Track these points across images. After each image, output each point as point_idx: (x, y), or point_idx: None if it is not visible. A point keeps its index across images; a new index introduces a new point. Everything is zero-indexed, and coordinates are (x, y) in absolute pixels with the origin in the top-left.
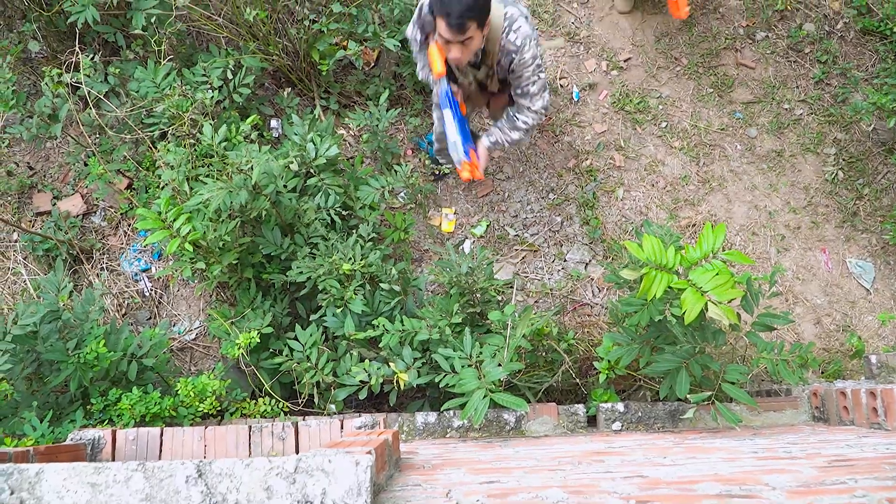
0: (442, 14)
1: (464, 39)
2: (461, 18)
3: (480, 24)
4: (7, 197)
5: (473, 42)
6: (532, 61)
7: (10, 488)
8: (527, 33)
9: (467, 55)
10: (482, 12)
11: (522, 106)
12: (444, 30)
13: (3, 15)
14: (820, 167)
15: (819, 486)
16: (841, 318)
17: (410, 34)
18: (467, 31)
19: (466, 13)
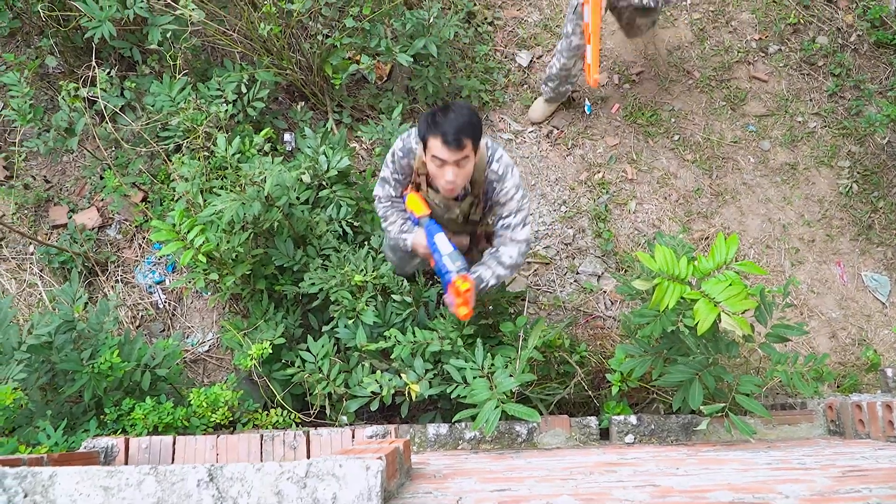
0: (437, 133)
1: (460, 158)
2: (458, 134)
3: (475, 144)
4: (24, 210)
5: (468, 164)
6: (516, 191)
7: (24, 491)
8: (508, 162)
9: (462, 179)
10: (476, 131)
11: (506, 238)
12: (439, 149)
13: (21, 31)
14: (834, 180)
15: (833, 494)
16: (856, 331)
17: (382, 191)
18: (465, 147)
19: (463, 129)
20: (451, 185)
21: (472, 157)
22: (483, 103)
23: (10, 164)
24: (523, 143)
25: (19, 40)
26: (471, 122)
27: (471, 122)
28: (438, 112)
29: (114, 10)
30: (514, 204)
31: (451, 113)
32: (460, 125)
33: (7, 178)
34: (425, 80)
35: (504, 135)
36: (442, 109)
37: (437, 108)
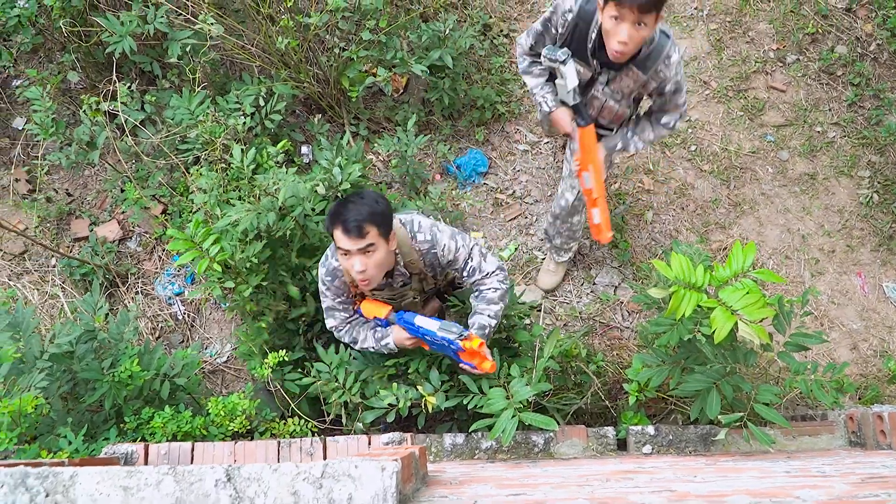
0: (338, 223)
1: (365, 246)
2: (359, 222)
3: (381, 231)
4: (46, 223)
5: (377, 253)
6: (454, 243)
7: (46, 490)
8: (429, 224)
9: (374, 268)
10: (381, 218)
11: (478, 282)
12: (341, 239)
13: (44, 46)
14: (854, 190)
15: (851, 499)
16: (878, 343)
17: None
18: (366, 234)
19: (364, 217)
20: (363, 277)
21: (380, 245)
22: (499, 115)
23: (33, 178)
24: (539, 153)
25: (42, 56)
26: (374, 209)
27: (374, 209)
28: (340, 204)
29: (134, 26)
30: (462, 255)
31: (351, 203)
32: (361, 213)
33: (30, 191)
34: (441, 91)
35: (520, 146)
36: (344, 201)
37: (340, 201)
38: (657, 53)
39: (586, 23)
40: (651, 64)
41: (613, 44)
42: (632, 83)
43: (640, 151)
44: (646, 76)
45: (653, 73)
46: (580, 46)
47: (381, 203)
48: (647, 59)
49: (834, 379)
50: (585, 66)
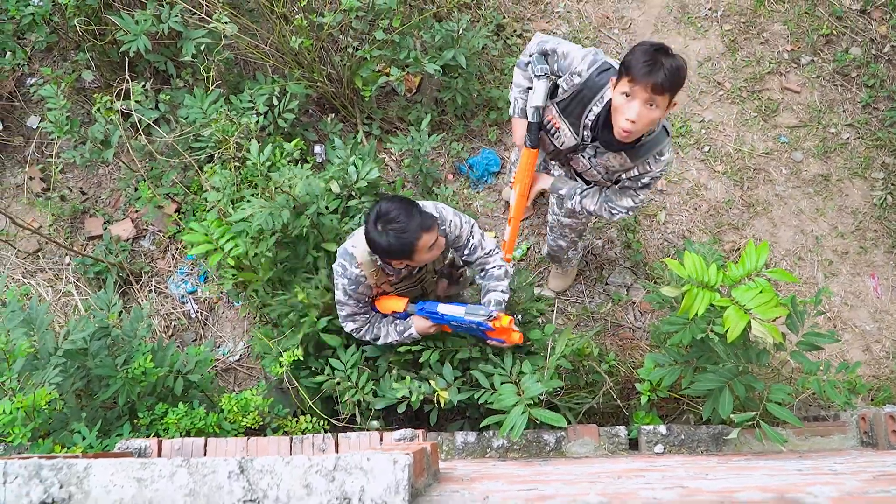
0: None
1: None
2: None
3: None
4: (61, 221)
5: (437, 242)
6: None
7: (60, 482)
8: (432, 204)
9: (438, 254)
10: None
11: (481, 260)
12: (399, 263)
13: (58, 45)
14: (868, 191)
15: (862, 494)
16: (891, 344)
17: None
18: (421, 248)
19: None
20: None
21: (433, 236)
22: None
23: (47, 177)
24: None
25: (56, 55)
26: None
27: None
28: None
29: (149, 25)
30: (465, 231)
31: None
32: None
33: (44, 189)
34: (454, 91)
35: None
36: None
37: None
38: (652, 145)
39: (592, 93)
40: (643, 154)
41: (621, 121)
42: (617, 165)
43: (576, 211)
44: (633, 164)
45: (640, 163)
46: (576, 113)
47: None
48: (641, 149)
49: (847, 379)
50: (573, 133)
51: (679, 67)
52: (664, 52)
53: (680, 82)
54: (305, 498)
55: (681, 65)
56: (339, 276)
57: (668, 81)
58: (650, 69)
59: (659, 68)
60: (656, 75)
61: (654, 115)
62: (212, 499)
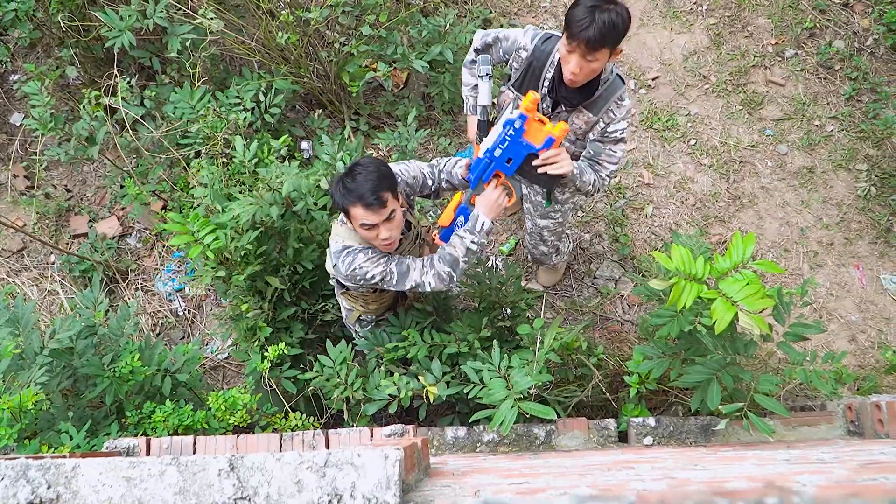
0: (354, 200)
1: (389, 214)
2: (376, 194)
3: (394, 192)
4: (45, 219)
5: (397, 214)
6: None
7: (48, 482)
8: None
9: (397, 230)
10: (391, 181)
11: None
12: (363, 214)
13: (42, 41)
14: (852, 183)
15: (850, 483)
16: (876, 334)
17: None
18: (387, 203)
19: (379, 187)
20: (389, 241)
21: (397, 207)
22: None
23: (32, 174)
24: None
25: (40, 51)
26: (381, 174)
27: (381, 174)
28: (348, 179)
29: (134, 20)
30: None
31: (360, 176)
32: (376, 184)
33: (28, 187)
34: (441, 86)
35: None
36: (350, 175)
37: (346, 175)
38: (609, 93)
39: (541, 62)
40: (602, 104)
41: (566, 72)
42: (583, 124)
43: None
44: (596, 117)
45: (603, 114)
46: (532, 86)
47: (384, 166)
48: (599, 100)
49: (833, 369)
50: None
51: (613, 23)
52: (600, 7)
53: (616, 36)
54: (297, 494)
55: (615, 19)
56: (353, 261)
57: (601, 38)
58: (584, 26)
59: (592, 25)
60: (589, 32)
61: (595, 66)
62: (202, 497)
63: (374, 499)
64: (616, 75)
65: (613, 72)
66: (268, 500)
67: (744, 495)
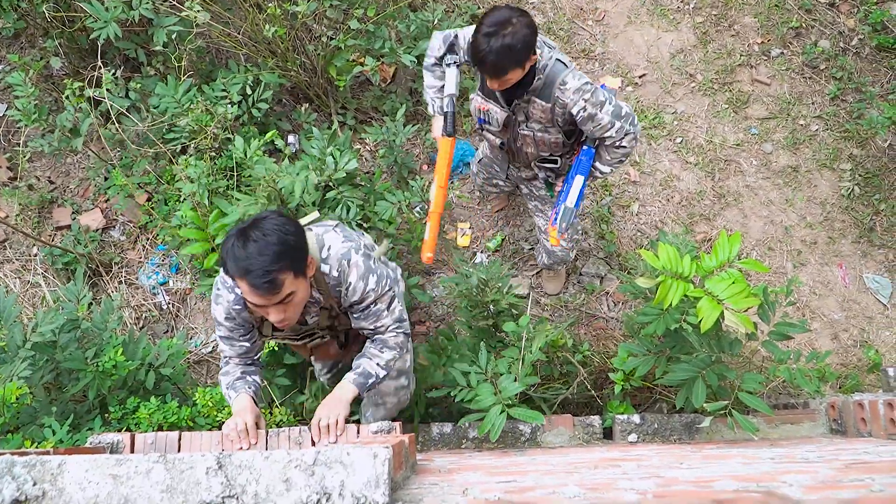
0: (241, 274)
1: (283, 299)
2: (268, 275)
3: (298, 270)
4: (28, 211)
5: (297, 295)
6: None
7: (33, 479)
8: (339, 255)
9: (294, 311)
10: (295, 255)
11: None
12: (248, 292)
13: (26, 32)
14: (836, 182)
15: (836, 482)
16: (858, 333)
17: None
18: (282, 286)
19: (274, 267)
20: (283, 322)
21: (299, 288)
22: None
23: (14, 166)
24: None
25: (24, 41)
26: (283, 248)
27: (283, 248)
28: (238, 244)
29: (119, 12)
30: (369, 299)
31: (253, 244)
32: (270, 260)
33: (11, 179)
34: None
35: None
36: (242, 238)
37: (237, 237)
38: (551, 80)
39: None
40: (548, 91)
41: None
42: (539, 112)
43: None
44: (549, 104)
45: (554, 100)
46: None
47: (291, 233)
48: (544, 87)
49: (816, 367)
50: (498, 106)
51: (508, 46)
52: (495, 33)
53: (517, 55)
54: (285, 493)
55: (510, 42)
56: (214, 301)
57: (501, 65)
58: (481, 58)
59: (488, 55)
60: (486, 61)
61: (511, 79)
62: (189, 495)
63: (362, 497)
64: (556, 60)
65: (552, 58)
66: (256, 498)
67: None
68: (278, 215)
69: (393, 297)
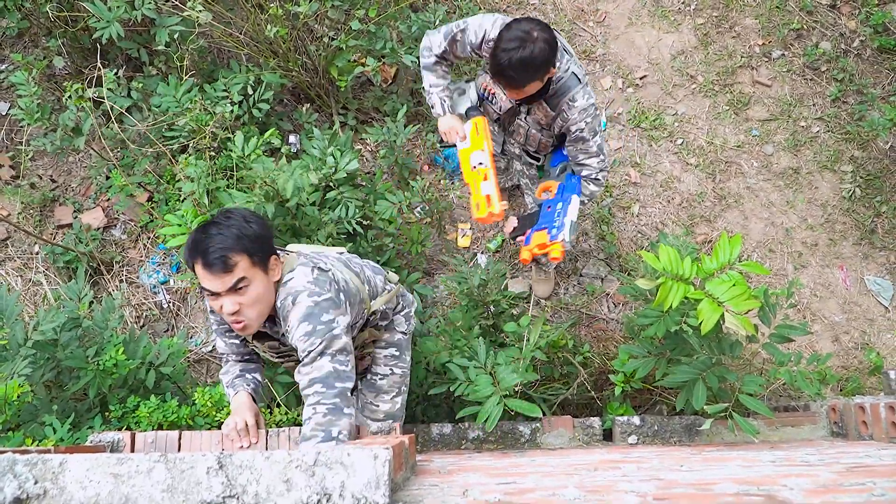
0: (196, 255)
1: (236, 283)
2: (221, 252)
3: (257, 259)
4: (30, 209)
5: (252, 287)
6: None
7: (35, 478)
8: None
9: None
10: (255, 243)
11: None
12: (204, 276)
13: (29, 31)
14: (837, 184)
15: (837, 486)
16: (859, 335)
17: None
18: (234, 267)
19: (228, 245)
20: (239, 321)
21: (255, 277)
22: None
23: (17, 164)
24: None
25: (27, 40)
26: (241, 232)
27: (241, 232)
28: (200, 230)
29: (122, 11)
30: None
31: (214, 228)
32: (226, 241)
33: (13, 177)
34: None
35: None
36: (204, 226)
37: (200, 226)
38: (562, 92)
39: None
40: (556, 101)
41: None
42: (542, 116)
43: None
44: (554, 112)
45: (559, 112)
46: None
47: (254, 223)
48: (554, 97)
49: (817, 370)
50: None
51: (528, 60)
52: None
53: (536, 68)
54: (285, 493)
55: (528, 56)
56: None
57: (521, 77)
58: (501, 70)
59: (508, 67)
60: (506, 74)
61: (528, 90)
62: (190, 495)
63: (363, 498)
64: (571, 73)
65: (569, 70)
66: (256, 498)
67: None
68: (247, 211)
69: (323, 352)
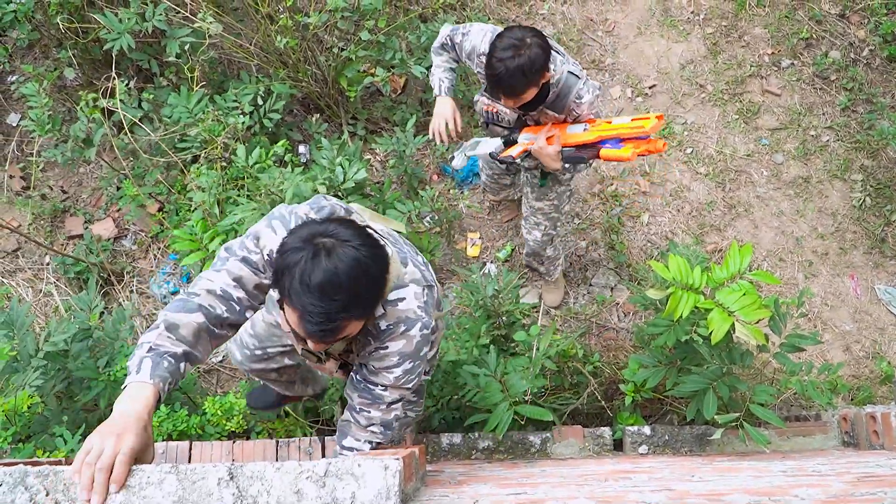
0: (298, 310)
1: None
2: (333, 321)
3: (365, 315)
4: (41, 220)
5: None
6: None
7: (46, 489)
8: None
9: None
10: (366, 302)
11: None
12: (297, 326)
13: (40, 42)
14: (847, 193)
15: (849, 497)
16: (870, 344)
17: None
18: (340, 332)
19: (342, 311)
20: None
21: (355, 329)
22: None
23: (28, 175)
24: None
25: (38, 52)
26: (353, 293)
27: (353, 293)
28: (307, 266)
29: (133, 23)
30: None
31: (329, 282)
32: (341, 305)
33: (24, 188)
34: None
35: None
36: (316, 255)
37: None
38: (565, 93)
39: None
40: (561, 103)
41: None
42: (551, 122)
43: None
44: (561, 115)
45: (568, 112)
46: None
47: (371, 274)
48: (557, 100)
49: (828, 379)
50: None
51: (523, 68)
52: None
53: (531, 75)
54: None
55: (524, 63)
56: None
57: (517, 86)
58: (496, 81)
59: (503, 77)
60: (502, 84)
61: (526, 97)
62: None
63: None
64: (568, 73)
65: (565, 70)
66: None
67: None
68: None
69: (402, 398)
